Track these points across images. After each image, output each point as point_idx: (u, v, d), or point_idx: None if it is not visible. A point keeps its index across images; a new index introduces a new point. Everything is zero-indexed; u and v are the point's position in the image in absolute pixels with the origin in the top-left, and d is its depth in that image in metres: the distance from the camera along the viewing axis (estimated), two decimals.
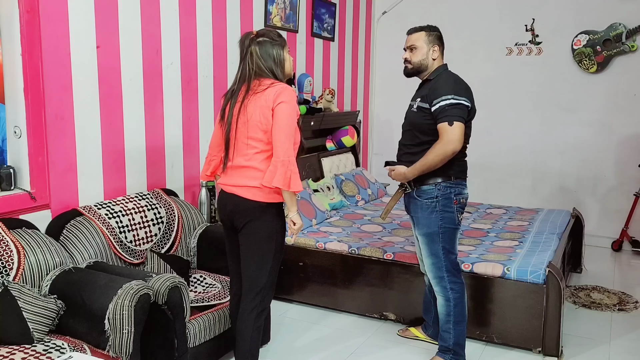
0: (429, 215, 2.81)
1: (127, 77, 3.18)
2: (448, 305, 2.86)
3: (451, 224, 2.82)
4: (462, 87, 2.77)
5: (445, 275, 2.84)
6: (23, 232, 2.52)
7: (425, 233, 2.85)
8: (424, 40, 2.82)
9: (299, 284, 3.72)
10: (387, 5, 6.00)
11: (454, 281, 2.85)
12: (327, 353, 3.14)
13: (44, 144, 2.73)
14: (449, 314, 2.86)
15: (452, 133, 2.66)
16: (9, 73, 2.66)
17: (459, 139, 2.68)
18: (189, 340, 2.59)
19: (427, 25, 2.88)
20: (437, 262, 2.84)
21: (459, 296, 2.86)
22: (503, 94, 5.53)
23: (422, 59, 2.84)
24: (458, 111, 2.68)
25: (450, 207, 2.80)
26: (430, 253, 2.86)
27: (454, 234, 2.85)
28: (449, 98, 2.68)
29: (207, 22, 3.76)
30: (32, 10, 2.62)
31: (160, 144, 3.46)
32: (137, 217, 3.02)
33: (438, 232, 2.81)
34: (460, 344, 2.89)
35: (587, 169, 5.26)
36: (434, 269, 2.86)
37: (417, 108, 2.82)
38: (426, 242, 2.86)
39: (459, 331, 2.87)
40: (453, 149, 2.67)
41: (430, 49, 2.82)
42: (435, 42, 2.84)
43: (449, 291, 2.85)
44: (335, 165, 5.06)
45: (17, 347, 2.13)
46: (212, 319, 2.76)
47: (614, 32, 4.97)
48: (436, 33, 2.85)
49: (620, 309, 3.74)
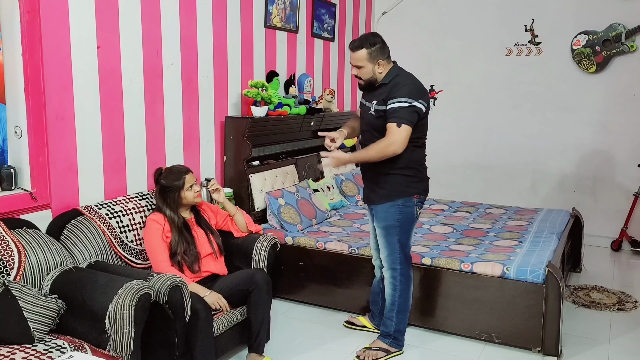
0: (388, 209, 2.92)
1: (127, 77, 3.18)
2: (394, 295, 3.01)
3: (409, 217, 2.94)
4: (416, 88, 2.85)
5: (398, 267, 2.98)
6: (24, 232, 2.52)
7: (383, 226, 2.96)
8: (366, 58, 2.87)
9: (299, 283, 3.72)
10: (387, 6, 6.01)
11: (403, 273, 2.99)
12: (327, 353, 3.14)
13: (44, 144, 2.74)
14: (393, 303, 3.02)
15: (397, 135, 2.75)
16: (10, 73, 2.67)
17: (403, 141, 2.77)
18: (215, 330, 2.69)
19: (366, 39, 2.88)
20: (393, 253, 2.97)
21: (405, 288, 3.01)
22: (503, 94, 5.53)
23: (369, 76, 2.92)
24: (408, 115, 2.77)
25: (410, 202, 2.91)
26: (387, 245, 2.97)
27: (410, 227, 2.99)
28: (403, 101, 2.77)
29: (208, 22, 3.77)
30: (33, 10, 2.63)
31: (161, 144, 3.47)
32: (138, 217, 3.02)
33: (396, 225, 2.92)
34: (401, 330, 3.06)
35: (587, 168, 5.27)
36: (390, 260, 2.99)
37: (374, 111, 2.89)
38: (383, 235, 2.97)
39: (400, 319, 3.04)
40: (394, 151, 2.78)
41: (374, 65, 2.87)
42: (377, 57, 2.86)
43: (397, 281, 2.99)
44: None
45: (17, 347, 2.13)
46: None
47: (614, 33, 4.97)
48: (377, 47, 2.86)
49: (619, 309, 3.75)
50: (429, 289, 3.31)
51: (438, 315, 3.32)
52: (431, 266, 3.30)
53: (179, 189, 2.90)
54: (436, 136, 5.74)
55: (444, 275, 3.27)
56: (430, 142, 3.11)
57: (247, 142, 3.91)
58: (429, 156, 3.07)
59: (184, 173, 2.94)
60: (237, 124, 3.93)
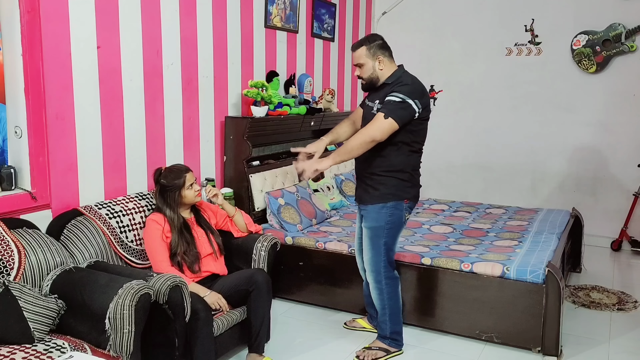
0: (379, 210, 2.91)
1: (127, 77, 3.18)
2: (382, 299, 3.00)
3: (398, 221, 2.93)
4: (416, 90, 2.83)
5: (382, 270, 2.97)
6: (24, 232, 2.52)
7: (371, 226, 2.95)
8: (366, 55, 2.89)
9: (299, 283, 3.72)
10: (387, 6, 6.01)
11: (388, 276, 2.98)
12: (326, 353, 3.14)
13: (44, 144, 2.74)
14: (384, 307, 3.01)
15: (381, 123, 2.75)
16: (10, 73, 2.67)
17: (385, 132, 2.75)
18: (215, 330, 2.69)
19: (366, 38, 2.94)
20: (377, 256, 2.96)
21: (393, 290, 3.00)
22: (502, 94, 5.54)
23: (370, 73, 2.92)
24: (400, 112, 2.75)
25: (400, 205, 2.91)
26: (371, 247, 2.96)
27: (397, 231, 2.98)
28: (399, 97, 2.76)
29: (208, 22, 3.77)
30: (33, 10, 2.63)
31: (161, 144, 3.47)
32: (138, 217, 3.02)
33: (384, 227, 2.91)
34: (397, 331, 3.06)
35: (587, 168, 5.27)
36: (373, 262, 2.98)
37: (376, 110, 2.87)
38: (370, 236, 2.96)
39: (394, 321, 3.03)
40: (373, 137, 2.75)
41: (375, 62, 2.89)
42: (377, 53, 2.88)
43: (383, 286, 2.98)
44: (336, 165, 5.04)
45: (17, 347, 2.12)
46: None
47: (614, 33, 4.97)
48: (377, 43, 2.90)
49: (619, 309, 3.75)
50: (429, 289, 3.31)
51: (438, 315, 3.32)
52: (431, 266, 3.30)
53: (179, 187, 2.90)
54: (436, 136, 5.76)
55: (443, 275, 3.27)
56: (430, 142, 3.11)
57: (247, 142, 3.91)
58: (429, 156, 3.08)
59: (184, 172, 2.94)
60: (237, 124, 3.94)
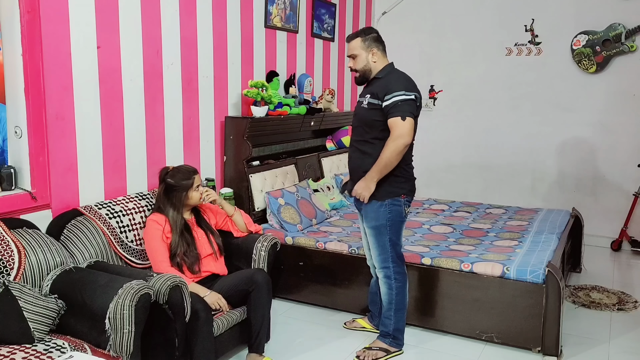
0: (378, 209, 2.93)
1: (127, 77, 3.18)
2: (390, 293, 3.01)
3: (398, 217, 2.95)
4: (411, 83, 2.89)
5: (390, 265, 2.99)
6: (24, 232, 2.52)
7: (373, 226, 2.97)
8: (360, 46, 2.94)
9: (299, 283, 3.73)
10: (387, 6, 6.01)
11: (398, 271, 3.00)
12: (327, 353, 3.14)
13: (44, 144, 2.74)
14: (390, 302, 3.02)
15: (403, 127, 2.78)
16: (10, 73, 2.67)
17: (409, 133, 2.79)
18: (215, 330, 2.69)
19: (362, 30, 2.99)
20: (384, 253, 2.98)
21: (401, 285, 3.02)
22: (502, 94, 5.54)
23: (363, 65, 2.96)
24: (408, 107, 2.80)
25: (398, 201, 2.93)
26: (377, 245, 2.98)
27: (400, 227, 3.00)
28: (401, 94, 2.80)
29: (208, 22, 3.77)
30: (33, 10, 2.63)
31: (161, 144, 3.47)
32: (138, 217, 3.02)
33: (386, 224, 2.93)
34: (400, 329, 3.06)
35: (587, 169, 5.27)
36: (381, 259, 3.00)
37: (367, 104, 2.91)
38: (374, 235, 2.98)
39: (398, 317, 3.04)
40: (404, 143, 2.79)
41: (368, 54, 2.94)
42: (371, 46, 2.94)
43: (392, 280, 3.00)
44: (335, 165, 5.06)
45: (17, 347, 2.13)
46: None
47: (614, 33, 4.97)
48: (372, 35, 2.96)
49: (619, 309, 3.75)
50: (429, 289, 3.31)
51: (438, 315, 3.32)
52: (431, 266, 3.31)
53: (186, 188, 2.89)
54: (436, 136, 5.79)
55: (443, 275, 3.27)
56: (430, 142, 3.12)
57: (247, 142, 3.91)
58: (429, 156, 3.09)
59: (192, 173, 2.93)
60: (237, 124, 3.94)
